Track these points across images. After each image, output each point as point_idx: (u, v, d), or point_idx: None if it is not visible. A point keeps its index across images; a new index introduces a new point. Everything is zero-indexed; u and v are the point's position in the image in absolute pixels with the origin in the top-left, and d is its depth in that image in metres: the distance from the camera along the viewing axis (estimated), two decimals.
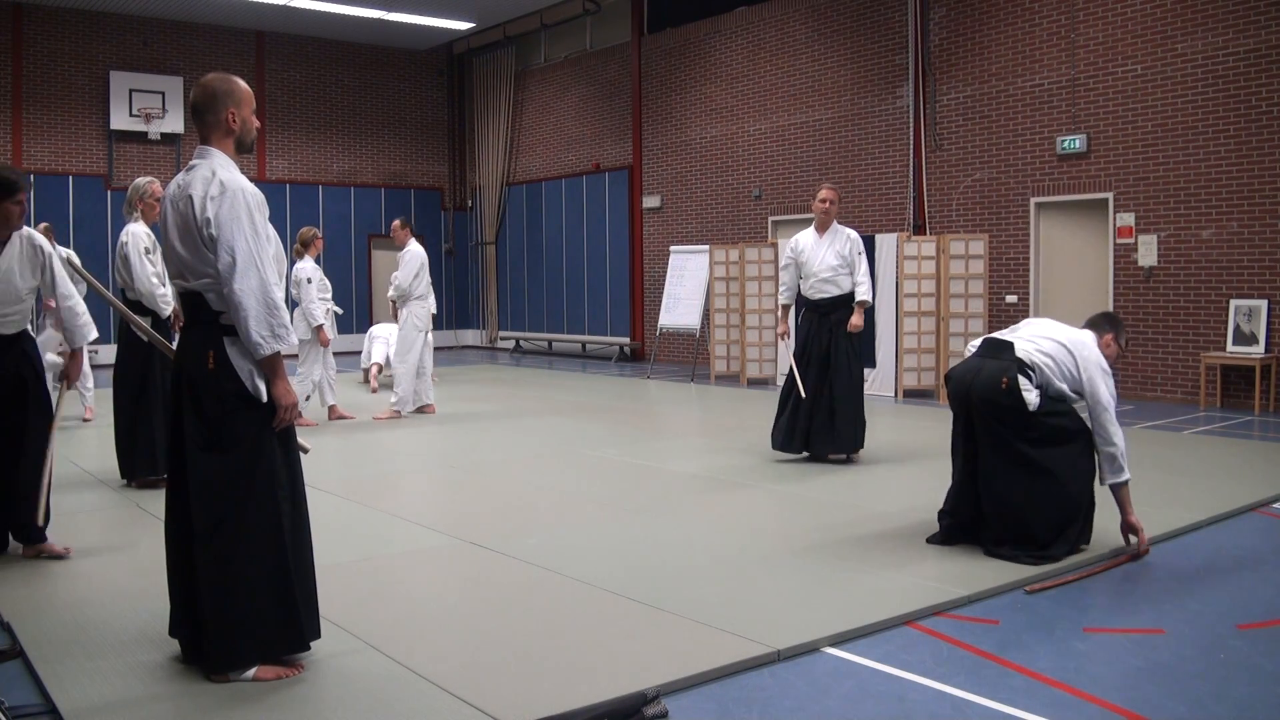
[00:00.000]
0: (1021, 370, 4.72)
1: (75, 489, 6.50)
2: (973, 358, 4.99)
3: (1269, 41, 9.70)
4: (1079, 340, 4.87)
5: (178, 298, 3.51)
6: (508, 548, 4.95)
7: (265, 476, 3.30)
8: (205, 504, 3.27)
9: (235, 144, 3.44)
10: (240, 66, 18.00)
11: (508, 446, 8.08)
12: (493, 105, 19.64)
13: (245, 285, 3.21)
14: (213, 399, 3.28)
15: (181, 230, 3.32)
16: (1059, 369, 4.77)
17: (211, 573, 3.25)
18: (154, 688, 3.27)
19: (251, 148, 3.54)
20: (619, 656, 3.54)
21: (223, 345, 3.30)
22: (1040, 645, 3.69)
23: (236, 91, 3.42)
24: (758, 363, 12.81)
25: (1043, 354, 4.77)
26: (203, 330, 3.33)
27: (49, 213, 15.47)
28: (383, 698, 3.20)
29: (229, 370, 3.29)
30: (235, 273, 3.20)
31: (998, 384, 4.71)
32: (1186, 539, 5.21)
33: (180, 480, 3.35)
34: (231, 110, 3.40)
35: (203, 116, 3.41)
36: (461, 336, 20.65)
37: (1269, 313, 9.77)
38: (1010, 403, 4.69)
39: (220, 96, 3.39)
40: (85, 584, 4.45)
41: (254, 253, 3.23)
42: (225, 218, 3.22)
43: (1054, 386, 4.76)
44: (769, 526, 5.39)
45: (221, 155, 3.40)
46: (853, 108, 13.43)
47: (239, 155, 3.46)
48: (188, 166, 3.39)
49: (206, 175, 3.30)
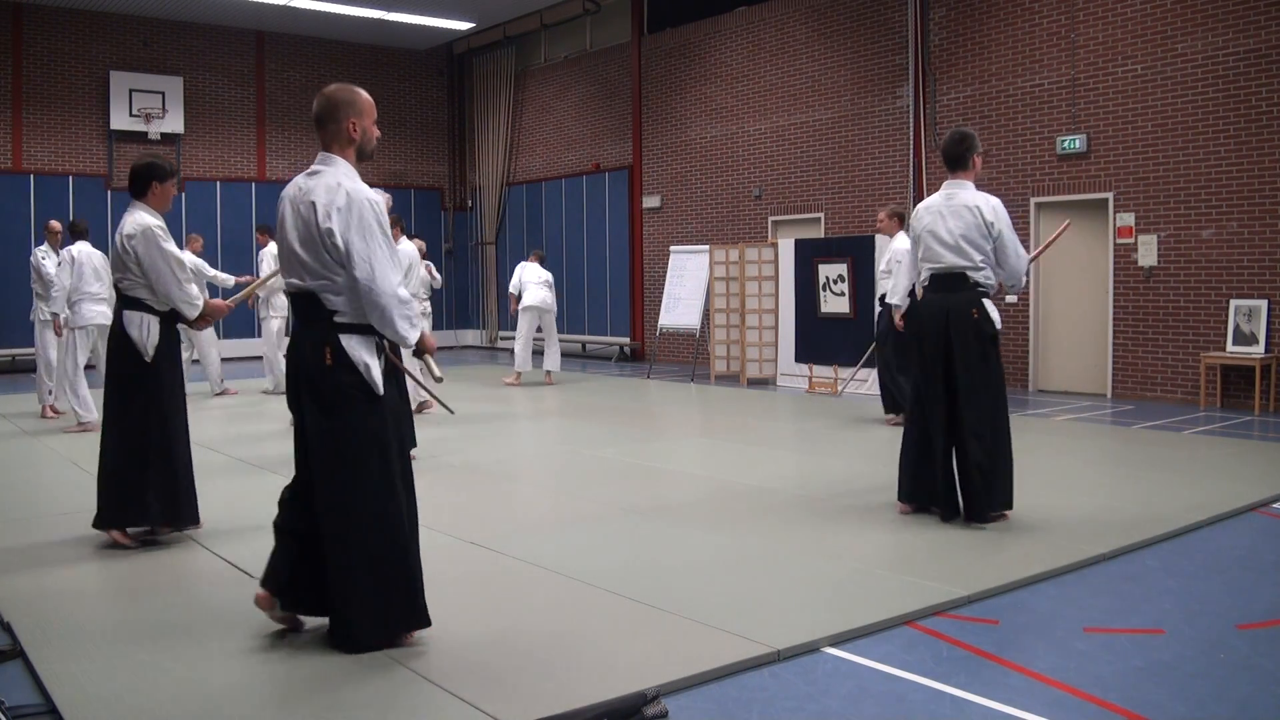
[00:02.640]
0: (982, 294, 5.32)
1: (76, 489, 6.51)
2: (931, 294, 5.47)
3: (1269, 41, 9.70)
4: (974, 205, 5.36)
5: (290, 297, 3.66)
6: (507, 547, 4.95)
7: (382, 465, 3.51)
8: (329, 493, 3.49)
9: (356, 152, 3.63)
10: (240, 66, 18.02)
11: (507, 446, 8.08)
12: (493, 105, 19.64)
13: (384, 288, 3.43)
14: (332, 391, 3.48)
15: (303, 234, 3.50)
16: (982, 244, 5.35)
17: (339, 558, 3.49)
18: (154, 688, 3.27)
19: (371, 156, 3.73)
20: (619, 656, 3.54)
21: (339, 341, 3.48)
22: (1040, 645, 3.69)
23: (358, 102, 3.61)
24: (758, 363, 12.81)
25: (981, 257, 5.34)
26: (320, 328, 3.50)
27: (49, 213, 15.45)
28: (383, 697, 3.19)
29: (347, 364, 3.48)
30: (375, 279, 3.43)
31: (969, 315, 5.26)
32: (1186, 539, 5.21)
33: (305, 477, 3.60)
34: (353, 120, 3.58)
35: (325, 125, 3.60)
36: (461, 337, 20.65)
37: (1269, 313, 9.77)
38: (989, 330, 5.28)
39: (342, 106, 3.58)
40: (86, 584, 4.45)
41: (387, 259, 3.46)
42: (356, 229, 3.43)
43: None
44: (769, 526, 5.39)
45: (344, 163, 3.58)
46: (853, 108, 13.43)
47: (359, 163, 3.63)
48: (309, 171, 3.57)
49: (331, 184, 3.48)
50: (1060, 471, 6.88)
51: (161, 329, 5.08)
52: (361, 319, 3.50)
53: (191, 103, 17.45)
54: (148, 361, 5.02)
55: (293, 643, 3.68)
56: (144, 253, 5.01)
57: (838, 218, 13.59)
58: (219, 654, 3.57)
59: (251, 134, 18.19)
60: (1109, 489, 6.33)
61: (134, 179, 5.20)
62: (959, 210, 5.37)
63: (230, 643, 3.68)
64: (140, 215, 5.10)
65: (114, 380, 5.11)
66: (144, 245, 5.01)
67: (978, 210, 5.33)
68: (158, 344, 5.04)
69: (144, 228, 5.03)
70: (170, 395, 5.09)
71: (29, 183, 16.10)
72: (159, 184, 5.19)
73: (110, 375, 5.16)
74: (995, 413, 5.34)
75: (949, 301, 5.37)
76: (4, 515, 5.79)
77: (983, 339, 5.33)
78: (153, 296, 5.07)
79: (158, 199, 5.21)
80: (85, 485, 6.62)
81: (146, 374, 5.03)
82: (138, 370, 5.02)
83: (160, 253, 5.02)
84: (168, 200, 5.23)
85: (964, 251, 5.35)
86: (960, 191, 5.44)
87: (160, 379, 5.06)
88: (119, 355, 5.07)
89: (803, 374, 12.24)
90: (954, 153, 5.48)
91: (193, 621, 3.93)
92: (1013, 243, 5.39)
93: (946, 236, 5.40)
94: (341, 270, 3.46)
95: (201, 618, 3.98)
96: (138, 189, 5.19)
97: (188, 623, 3.91)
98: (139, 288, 5.07)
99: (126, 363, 5.04)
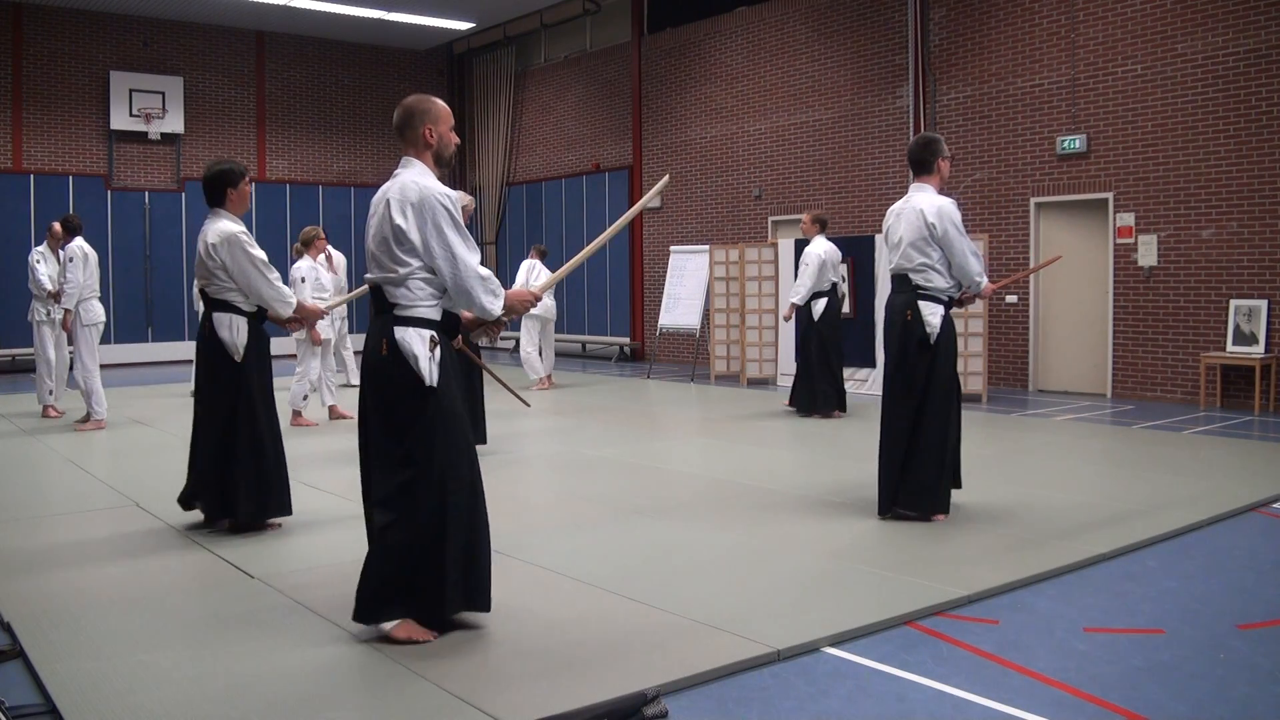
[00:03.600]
0: (922, 296, 5.37)
1: (76, 489, 6.51)
2: (890, 296, 5.60)
3: (1269, 41, 9.70)
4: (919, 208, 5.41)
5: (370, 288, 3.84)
6: (507, 548, 4.95)
7: (437, 457, 3.60)
8: (382, 478, 3.64)
9: (434, 157, 3.82)
10: (240, 66, 18.03)
11: (507, 446, 8.08)
12: (493, 105, 19.64)
13: (466, 273, 3.65)
14: (386, 382, 3.64)
15: (377, 231, 3.70)
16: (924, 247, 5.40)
17: (374, 535, 3.65)
18: (154, 688, 3.27)
19: (450, 162, 3.94)
20: (619, 656, 3.54)
21: (393, 334, 3.62)
22: (1040, 645, 3.69)
23: (433, 110, 3.83)
24: (758, 363, 12.81)
25: (922, 260, 5.39)
26: (382, 320, 3.68)
27: (49, 213, 15.46)
28: (383, 698, 3.20)
29: (399, 357, 3.60)
30: (457, 265, 3.64)
31: (903, 317, 5.34)
32: (1186, 539, 5.21)
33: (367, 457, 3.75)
34: (429, 127, 3.80)
35: (404, 133, 3.81)
36: None
37: (1269, 313, 9.77)
38: (920, 332, 5.33)
39: (418, 115, 3.80)
40: (86, 584, 4.45)
41: (462, 244, 3.65)
42: (431, 225, 3.62)
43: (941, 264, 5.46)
44: (769, 526, 5.39)
45: (419, 165, 3.78)
46: (853, 108, 13.43)
47: (438, 167, 3.83)
48: (394, 174, 3.76)
49: (405, 183, 3.68)
50: (1060, 471, 6.89)
51: (250, 329, 5.28)
52: (418, 312, 3.65)
53: (191, 103, 17.45)
54: (237, 362, 5.23)
55: (293, 643, 3.68)
56: (230, 259, 5.19)
57: (838, 218, 13.59)
58: (219, 655, 3.57)
59: (251, 134, 18.19)
60: (1109, 489, 6.33)
61: (209, 187, 5.37)
62: (908, 213, 5.49)
63: (231, 643, 3.68)
64: (221, 223, 5.27)
65: (205, 381, 5.33)
66: (229, 252, 5.19)
67: (921, 214, 5.41)
68: (246, 343, 5.25)
69: (227, 235, 5.19)
70: (260, 393, 5.29)
71: (29, 183, 16.10)
72: (233, 189, 5.36)
73: (201, 376, 5.36)
74: (920, 415, 5.36)
75: (893, 302, 5.57)
76: (4, 515, 5.78)
77: (913, 341, 5.39)
78: (242, 298, 5.27)
79: (235, 203, 5.37)
80: (85, 485, 6.62)
81: (236, 373, 5.24)
82: (228, 370, 5.23)
83: (246, 256, 5.20)
84: (245, 201, 5.39)
85: (907, 254, 5.48)
86: (916, 194, 5.54)
87: (250, 378, 5.26)
88: (209, 357, 5.27)
89: None
90: (918, 157, 5.58)
91: (193, 622, 3.93)
92: (959, 243, 5.41)
93: (895, 239, 5.57)
94: (405, 264, 3.62)
95: (202, 618, 3.98)
96: (214, 196, 5.36)
97: (188, 623, 3.92)
98: (226, 291, 5.25)
99: (217, 363, 5.25)
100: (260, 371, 5.33)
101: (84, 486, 6.59)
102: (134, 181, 17.06)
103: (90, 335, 9.09)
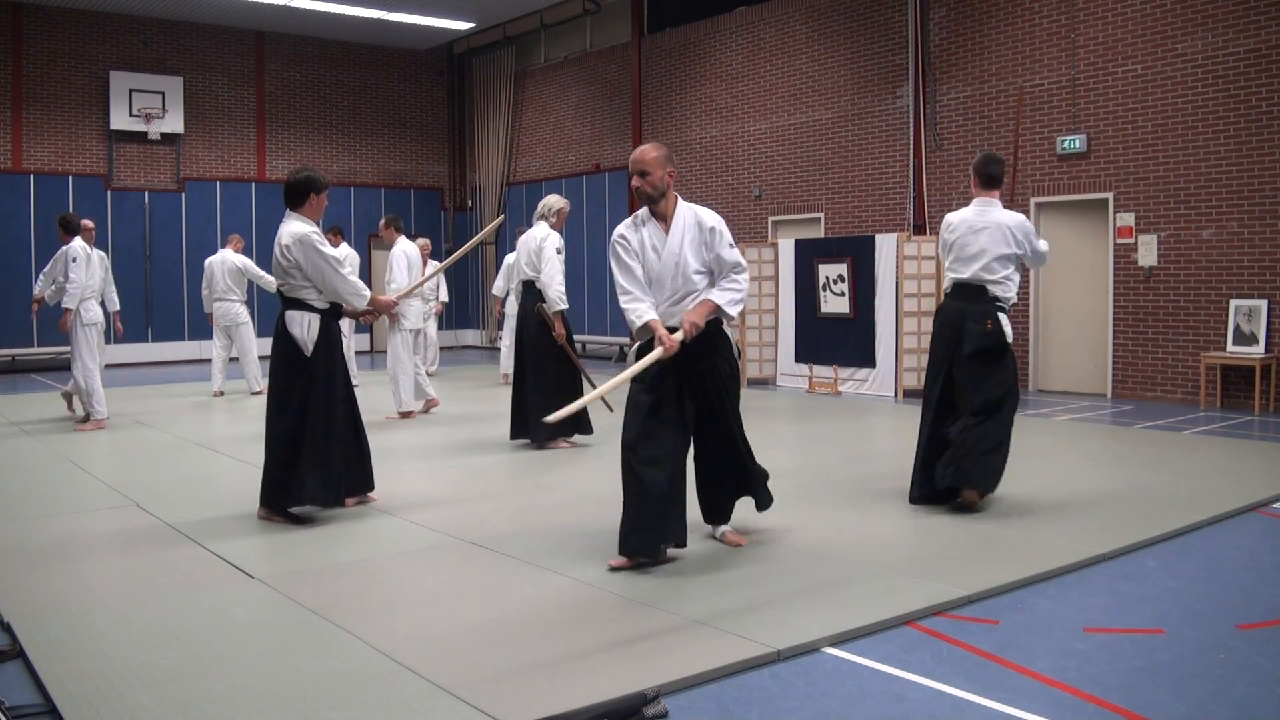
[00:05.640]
0: (999, 308, 5.64)
1: (76, 489, 6.51)
2: (952, 301, 5.79)
3: (1269, 41, 9.70)
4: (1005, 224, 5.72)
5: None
6: (507, 547, 4.95)
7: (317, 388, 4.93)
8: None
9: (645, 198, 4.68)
10: (240, 66, 18.03)
11: (507, 446, 8.07)
12: (493, 105, 19.63)
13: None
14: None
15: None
16: (1007, 261, 5.70)
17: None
18: (154, 688, 3.27)
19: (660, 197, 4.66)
20: (619, 656, 3.54)
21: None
22: (1040, 645, 3.69)
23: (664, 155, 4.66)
24: (758, 363, 12.81)
25: (1005, 273, 5.68)
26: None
27: (49, 213, 15.48)
28: (383, 698, 3.19)
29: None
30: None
31: (983, 325, 5.59)
32: (1186, 539, 5.21)
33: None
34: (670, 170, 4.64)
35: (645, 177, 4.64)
36: (461, 336, 20.65)
37: (1269, 313, 9.77)
38: (994, 342, 5.57)
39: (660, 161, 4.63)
40: (86, 584, 4.45)
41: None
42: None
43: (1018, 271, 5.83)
44: (769, 526, 5.39)
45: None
46: (853, 108, 13.43)
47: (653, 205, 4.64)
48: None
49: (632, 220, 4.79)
50: (1060, 471, 6.88)
51: (321, 325, 5.53)
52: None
53: (191, 103, 17.45)
54: (307, 356, 5.48)
55: (292, 642, 3.69)
56: (304, 258, 5.44)
57: (838, 218, 13.59)
58: (219, 654, 3.57)
59: (251, 134, 18.19)
60: (1109, 489, 6.32)
61: (292, 191, 5.61)
62: (992, 229, 5.73)
63: (231, 643, 3.68)
64: (295, 225, 5.51)
65: (277, 375, 5.56)
66: (303, 252, 5.43)
67: (1010, 231, 5.72)
68: (317, 339, 5.49)
69: (299, 236, 5.44)
70: (328, 384, 5.55)
71: (29, 183, 16.10)
72: (315, 195, 5.63)
73: (274, 371, 5.58)
74: (1001, 403, 5.65)
75: (966, 310, 5.73)
76: (4, 515, 5.79)
77: (995, 346, 5.66)
78: (315, 295, 5.53)
79: (312, 209, 5.64)
80: (85, 485, 6.62)
81: (306, 367, 5.48)
82: (298, 364, 5.48)
83: (320, 255, 5.45)
84: (321, 209, 5.68)
85: (990, 267, 5.71)
86: (993, 210, 5.81)
87: (318, 371, 5.51)
88: (282, 352, 5.53)
89: (803, 374, 12.24)
90: (991, 171, 5.87)
91: (193, 622, 3.93)
92: (1039, 245, 5.86)
93: (972, 251, 5.74)
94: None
95: (202, 618, 3.97)
96: (295, 199, 5.61)
97: (188, 623, 3.91)
98: (300, 289, 5.52)
99: (288, 358, 5.50)
100: (329, 363, 5.56)
101: (84, 486, 6.59)
102: (134, 181, 17.06)
103: (90, 335, 9.09)
